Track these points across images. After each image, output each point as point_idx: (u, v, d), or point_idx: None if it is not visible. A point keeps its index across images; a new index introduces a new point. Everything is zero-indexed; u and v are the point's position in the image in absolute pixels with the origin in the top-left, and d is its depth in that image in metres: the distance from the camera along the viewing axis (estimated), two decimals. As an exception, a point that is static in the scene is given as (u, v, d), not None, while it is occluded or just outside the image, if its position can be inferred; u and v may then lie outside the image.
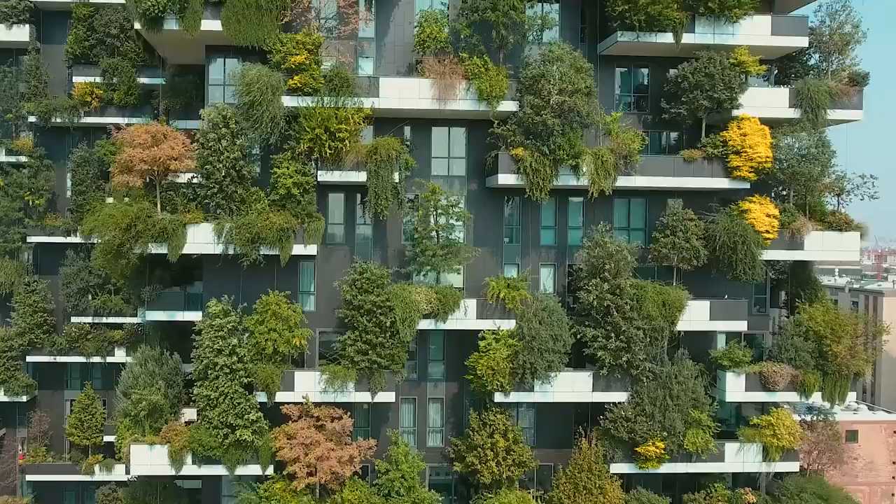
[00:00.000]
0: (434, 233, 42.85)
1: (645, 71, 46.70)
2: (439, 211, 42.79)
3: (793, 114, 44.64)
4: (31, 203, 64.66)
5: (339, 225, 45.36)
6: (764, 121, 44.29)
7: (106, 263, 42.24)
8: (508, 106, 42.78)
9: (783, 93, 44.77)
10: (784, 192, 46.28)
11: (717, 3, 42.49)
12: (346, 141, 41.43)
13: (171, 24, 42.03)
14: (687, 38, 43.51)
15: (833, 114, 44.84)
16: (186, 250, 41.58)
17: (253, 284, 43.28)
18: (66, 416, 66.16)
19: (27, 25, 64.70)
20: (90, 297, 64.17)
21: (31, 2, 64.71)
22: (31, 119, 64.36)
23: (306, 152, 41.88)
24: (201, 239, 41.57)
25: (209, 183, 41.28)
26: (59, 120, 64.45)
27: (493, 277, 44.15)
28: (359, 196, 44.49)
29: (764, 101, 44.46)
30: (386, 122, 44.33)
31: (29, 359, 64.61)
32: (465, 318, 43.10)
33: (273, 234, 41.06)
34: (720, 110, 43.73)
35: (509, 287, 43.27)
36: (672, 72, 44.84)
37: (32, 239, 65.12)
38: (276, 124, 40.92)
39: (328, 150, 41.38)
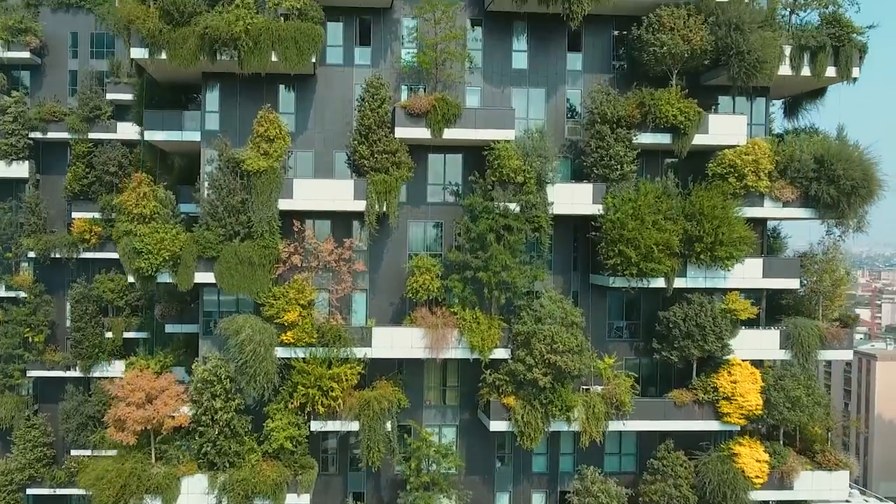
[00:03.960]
0: (426, 479, 43.13)
1: (637, 294, 46.14)
2: (431, 459, 43.04)
3: (783, 355, 44.66)
4: (30, 339, 65.24)
5: (334, 453, 45.82)
6: (755, 362, 44.57)
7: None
8: (501, 354, 42.84)
9: (774, 336, 44.67)
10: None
11: (709, 256, 42.42)
12: (340, 399, 41.65)
13: (164, 278, 42.28)
14: (679, 283, 43.56)
15: (824, 354, 44.98)
16: (181, 502, 41.93)
17: (248, 519, 43.66)
18: (67, 545, 67.34)
19: (26, 162, 64.92)
20: (89, 431, 64.80)
21: (30, 139, 64.82)
22: (31, 254, 64.81)
23: (300, 406, 42.12)
24: (196, 490, 41.69)
25: (202, 440, 41.54)
26: (58, 255, 64.92)
27: (486, 519, 44.68)
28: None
29: (755, 344, 44.48)
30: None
31: (29, 491, 65.54)
32: (457, 568, 43.62)
33: (267, 487, 41.40)
34: (711, 357, 43.93)
35: (500, 534, 43.71)
36: (666, 304, 44.91)
37: (32, 373, 65.70)
38: (269, 380, 41.04)
39: (321, 408, 41.63)
